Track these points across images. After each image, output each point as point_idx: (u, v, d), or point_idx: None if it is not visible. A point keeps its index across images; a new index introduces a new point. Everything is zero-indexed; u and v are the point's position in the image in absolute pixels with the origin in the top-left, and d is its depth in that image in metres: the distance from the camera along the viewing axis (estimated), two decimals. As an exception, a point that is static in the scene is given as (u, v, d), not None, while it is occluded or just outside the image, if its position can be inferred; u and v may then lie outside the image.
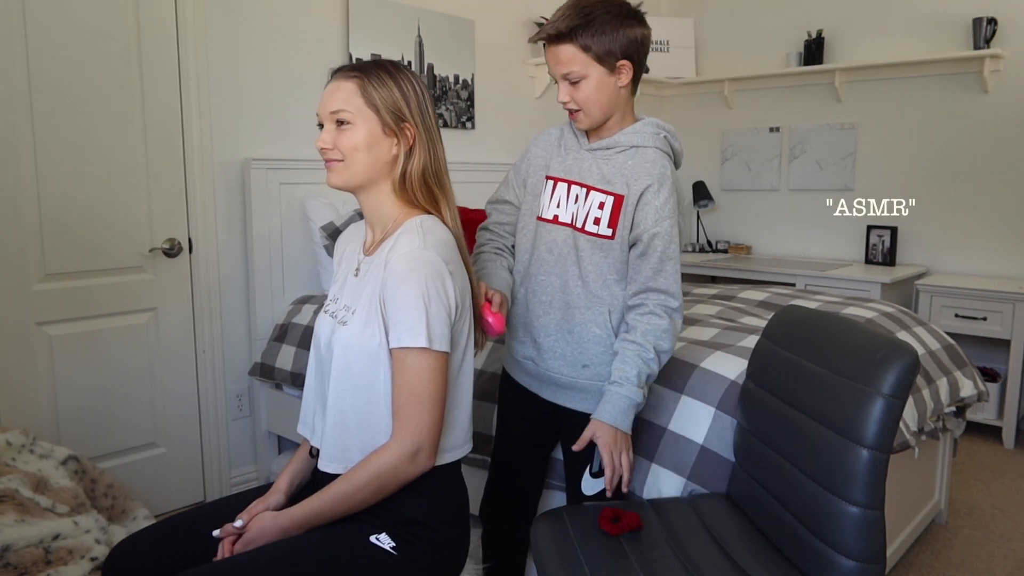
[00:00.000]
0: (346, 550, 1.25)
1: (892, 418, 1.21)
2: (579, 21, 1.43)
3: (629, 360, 1.46)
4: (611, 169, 1.52)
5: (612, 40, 1.44)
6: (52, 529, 1.68)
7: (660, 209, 1.47)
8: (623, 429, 1.46)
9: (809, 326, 1.50)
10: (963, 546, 2.45)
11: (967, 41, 3.63)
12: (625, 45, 1.45)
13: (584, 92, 1.48)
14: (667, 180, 1.48)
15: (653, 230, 1.47)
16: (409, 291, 1.24)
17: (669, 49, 4.56)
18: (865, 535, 1.22)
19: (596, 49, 1.44)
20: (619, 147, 1.53)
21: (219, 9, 2.64)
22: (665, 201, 1.47)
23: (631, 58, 1.47)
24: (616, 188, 1.51)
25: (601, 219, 1.51)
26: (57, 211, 2.32)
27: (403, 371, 1.25)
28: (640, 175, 1.49)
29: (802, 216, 4.27)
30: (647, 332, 1.47)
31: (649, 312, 1.48)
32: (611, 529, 1.44)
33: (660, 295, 1.49)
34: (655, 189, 1.47)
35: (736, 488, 1.59)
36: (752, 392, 1.58)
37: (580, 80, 1.47)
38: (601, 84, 1.47)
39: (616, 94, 1.50)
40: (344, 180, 1.33)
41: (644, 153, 1.51)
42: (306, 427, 1.44)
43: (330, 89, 1.33)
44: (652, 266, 1.48)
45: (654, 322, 1.47)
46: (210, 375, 2.72)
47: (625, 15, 1.46)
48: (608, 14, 1.44)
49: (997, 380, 3.44)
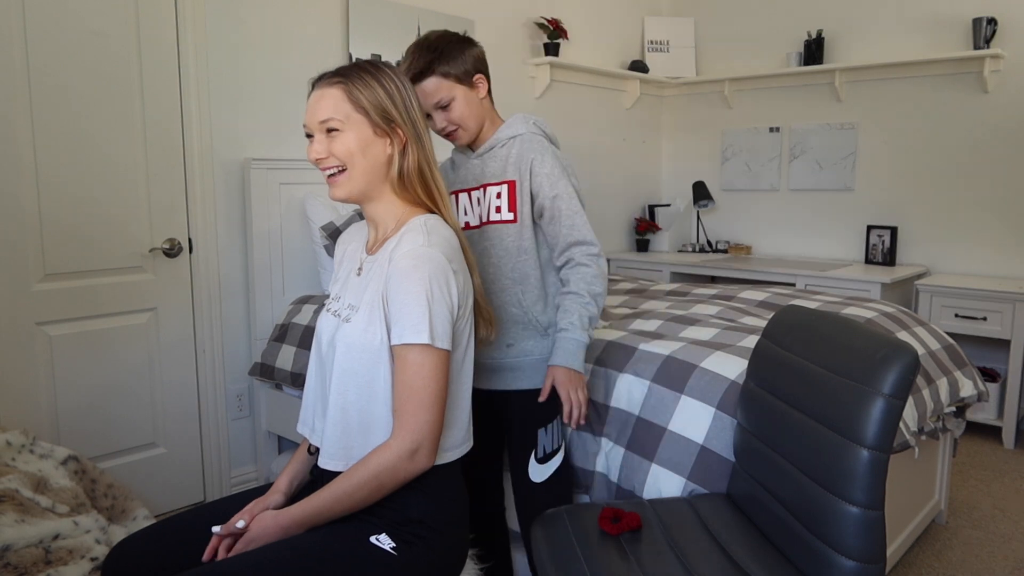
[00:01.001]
0: (346, 551, 1.24)
1: (892, 418, 1.21)
2: (432, 55, 1.61)
3: (570, 308, 1.62)
4: (497, 164, 1.69)
5: (463, 61, 1.64)
6: (52, 529, 1.68)
7: (550, 174, 1.64)
8: (576, 368, 1.61)
9: (809, 326, 1.50)
10: (963, 546, 2.45)
11: (967, 41, 3.63)
12: (474, 62, 1.66)
13: (457, 111, 1.65)
14: (547, 149, 1.66)
15: (552, 193, 1.63)
16: (413, 288, 1.24)
17: (669, 49, 4.56)
18: (865, 535, 1.22)
19: (455, 72, 1.63)
20: (499, 143, 1.69)
21: (219, 9, 2.64)
22: (552, 166, 1.64)
23: (482, 71, 1.68)
24: (507, 176, 1.67)
25: (501, 207, 1.67)
26: (57, 211, 2.32)
27: (404, 368, 1.25)
28: (523, 154, 1.66)
29: (802, 216, 4.27)
30: (579, 281, 1.63)
31: (577, 264, 1.65)
32: (611, 529, 1.44)
33: (580, 247, 1.65)
34: (539, 159, 1.64)
35: (736, 488, 1.59)
36: (752, 392, 1.58)
37: (450, 103, 1.64)
38: (468, 100, 1.66)
39: (480, 105, 1.69)
40: (348, 191, 1.33)
41: (521, 139, 1.68)
42: (306, 426, 1.44)
43: (315, 98, 1.32)
44: (565, 224, 1.64)
45: (582, 271, 1.64)
46: (210, 375, 2.72)
47: (463, 40, 1.66)
48: (451, 43, 1.64)
49: (997, 380, 3.44)
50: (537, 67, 3.87)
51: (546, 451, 1.70)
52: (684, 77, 4.55)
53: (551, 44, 3.81)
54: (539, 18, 3.83)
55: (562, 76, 3.97)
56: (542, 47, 3.85)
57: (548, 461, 1.71)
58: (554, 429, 1.71)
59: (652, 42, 4.54)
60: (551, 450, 1.71)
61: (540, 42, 3.87)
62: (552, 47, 3.81)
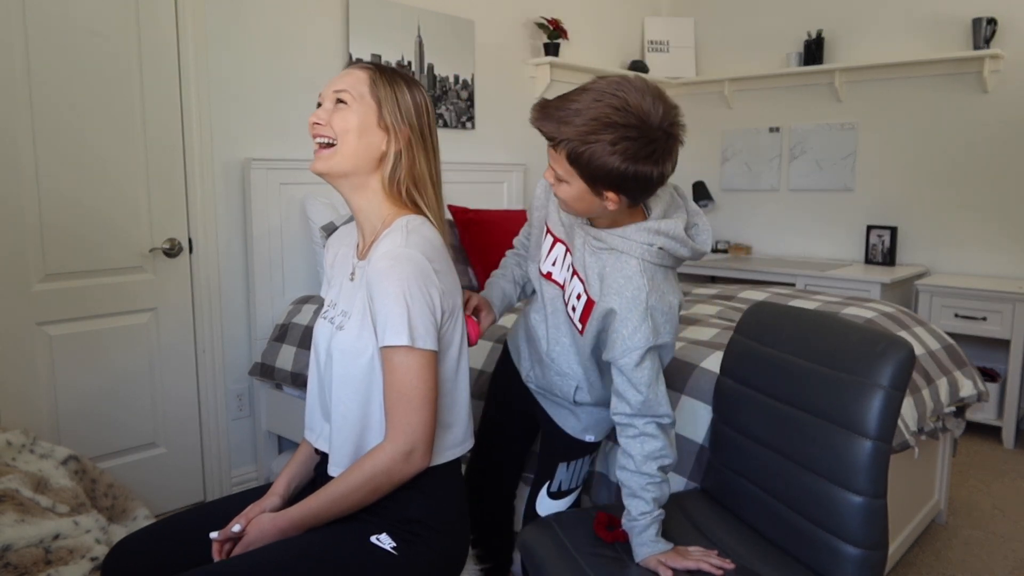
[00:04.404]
0: (347, 550, 1.25)
1: (892, 409, 1.26)
2: (565, 130, 1.26)
3: (638, 494, 1.36)
4: (592, 259, 1.40)
5: (595, 168, 1.26)
6: (52, 529, 1.68)
7: (628, 339, 1.33)
8: (662, 551, 1.34)
9: (789, 322, 1.52)
10: (963, 546, 2.45)
11: (967, 41, 3.63)
12: (610, 178, 1.27)
13: (562, 193, 1.35)
14: (637, 306, 1.33)
15: (621, 361, 1.34)
16: (391, 289, 1.22)
17: (669, 49, 4.56)
18: (870, 523, 1.26)
19: (578, 168, 1.28)
20: (603, 244, 1.38)
21: (219, 9, 2.64)
22: (633, 331, 1.33)
23: (615, 191, 1.30)
24: (591, 288, 1.39)
25: (576, 308, 1.43)
26: (57, 211, 2.32)
27: (391, 371, 1.25)
28: (609, 292, 1.35)
29: (802, 216, 4.27)
30: (646, 457, 1.35)
31: (640, 434, 1.36)
32: (607, 536, 1.43)
33: (648, 417, 1.36)
34: (622, 318, 1.33)
35: (712, 481, 1.61)
36: (729, 388, 1.59)
37: (560, 183, 1.34)
38: (580, 195, 1.32)
39: (603, 208, 1.33)
40: (329, 166, 1.31)
41: (623, 264, 1.35)
42: (312, 432, 1.43)
43: (342, 73, 1.35)
44: (633, 388, 1.35)
45: (650, 445, 1.35)
46: (210, 375, 2.72)
47: (615, 153, 1.24)
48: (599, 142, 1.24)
49: (997, 380, 3.44)
50: (537, 67, 3.87)
51: (561, 488, 1.63)
52: (684, 77, 4.55)
53: (551, 44, 3.81)
54: (539, 18, 3.83)
55: (562, 76, 3.97)
56: (542, 47, 3.86)
57: (561, 498, 1.63)
58: (577, 468, 1.63)
59: (652, 42, 4.54)
60: (567, 488, 1.64)
61: (540, 42, 3.87)
62: (552, 47, 3.82)
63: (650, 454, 1.35)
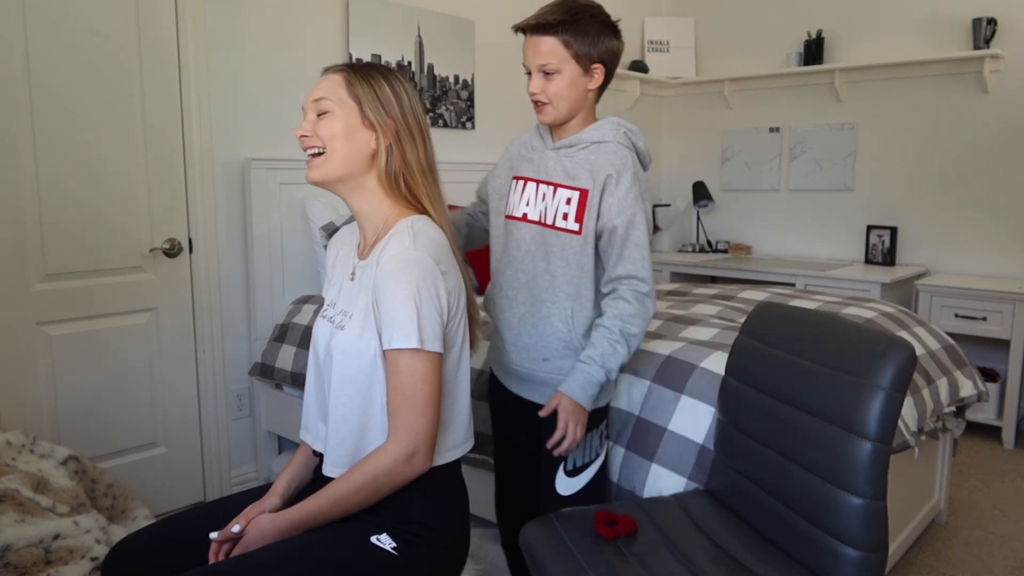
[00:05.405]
0: (347, 551, 1.25)
1: (893, 410, 1.25)
2: (566, 17, 1.50)
3: (597, 342, 1.52)
4: (574, 165, 1.56)
5: (593, 42, 1.51)
6: (52, 529, 1.68)
7: (622, 199, 1.51)
8: (583, 404, 1.51)
9: (792, 323, 1.52)
10: (963, 546, 2.45)
11: (967, 41, 3.63)
12: (603, 51, 1.53)
13: (556, 86, 1.53)
14: (627, 169, 1.53)
15: (616, 220, 1.52)
16: (400, 292, 1.23)
17: (669, 49, 4.56)
18: (869, 524, 1.25)
19: (576, 47, 1.51)
20: (581, 144, 1.57)
21: (219, 9, 2.64)
22: (627, 191, 1.52)
23: (605, 64, 1.55)
24: (581, 183, 1.55)
25: (569, 214, 1.56)
26: (57, 211, 2.32)
27: (396, 373, 1.25)
28: (603, 166, 1.53)
29: (802, 216, 4.27)
30: (615, 316, 1.52)
31: (619, 297, 1.53)
32: (607, 533, 1.43)
33: (630, 280, 1.53)
34: (616, 179, 1.52)
35: (717, 482, 1.61)
36: (734, 388, 1.59)
37: (555, 74, 1.52)
38: (574, 82, 1.53)
39: (584, 94, 1.56)
40: (324, 174, 1.33)
41: (606, 147, 1.55)
42: (308, 433, 1.43)
43: (318, 81, 1.36)
44: (619, 253, 1.53)
45: (622, 307, 1.52)
46: (210, 375, 2.72)
47: (607, 24, 1.54)
48: (593, 19, 1.52)
49: (997, 380, 3.44)
50: (537, 67, 3.87)
51: (575, 464, 1.63)
52: (684, 77, 4.56)
53: (551, 44, 3.81)
54: (539, 18, 3.82)
55: (562, 76, 3.97)
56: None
57: (578, 474, 1.64)
58: (587, 443, 1.64)
59: (652, 42, 4.54)
60: (582, 463, 1.64)
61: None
62: (552, 47, 3.81)
63: (618, 315, 1.51)
